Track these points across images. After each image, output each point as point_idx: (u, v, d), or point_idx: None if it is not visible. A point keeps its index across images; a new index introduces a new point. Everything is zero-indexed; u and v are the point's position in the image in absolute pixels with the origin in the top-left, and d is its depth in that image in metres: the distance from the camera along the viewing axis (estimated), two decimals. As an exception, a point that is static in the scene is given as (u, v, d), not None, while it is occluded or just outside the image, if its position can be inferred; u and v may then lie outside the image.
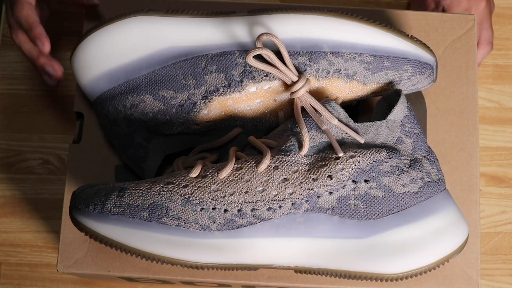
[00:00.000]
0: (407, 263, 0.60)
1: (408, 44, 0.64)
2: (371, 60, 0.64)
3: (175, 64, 0.64)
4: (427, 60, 0.65)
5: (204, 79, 0.64)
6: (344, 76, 0.64)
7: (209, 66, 0.64)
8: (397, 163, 0.61)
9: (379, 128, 0.62)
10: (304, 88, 0.62)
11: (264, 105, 0.65)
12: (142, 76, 0.65)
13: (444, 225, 0.61)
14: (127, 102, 0.65)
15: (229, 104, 0.64)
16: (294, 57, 0.63)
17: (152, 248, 0.59)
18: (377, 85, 0.65)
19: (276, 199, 0.60)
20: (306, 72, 0.64)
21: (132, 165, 0.67)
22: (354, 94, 0.65)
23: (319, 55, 0.63)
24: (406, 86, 0.65)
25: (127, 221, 0.59)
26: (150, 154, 0.66)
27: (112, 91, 0.65)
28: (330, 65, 0.64)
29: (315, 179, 0.60)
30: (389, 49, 0.64)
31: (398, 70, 0.64)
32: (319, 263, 0.61)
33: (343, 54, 0.63)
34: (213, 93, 0.64)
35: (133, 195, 0.60)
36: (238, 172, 0.60)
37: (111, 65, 0.65)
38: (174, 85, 0.64)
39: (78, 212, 0.60)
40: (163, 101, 0.64)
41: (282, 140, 0.61)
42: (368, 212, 0.60)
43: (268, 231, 0.60)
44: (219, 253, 0.60)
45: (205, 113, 0.65)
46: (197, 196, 0.60)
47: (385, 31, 0.64)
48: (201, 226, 0.59)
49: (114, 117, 0.66)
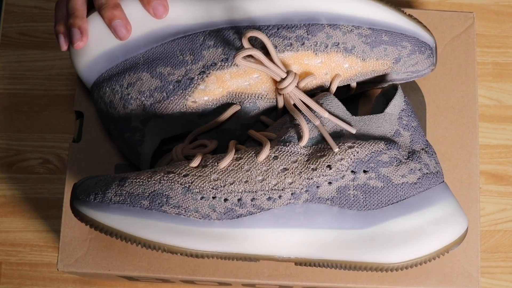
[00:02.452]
0: (406, 253, 0.60)
1: (407, 21, 0.65)
2: (369, 33, 0.64)
3: (173, 41, 0.65)
4: (426, 40, 0.65)
5: (201, 54, 0.64)
6: (342, 50, 0.64)
7: (207, 42, 0.64)
8: (396, 155, 0.61)
9: (377, 121, 0.62)
10: (293, 83, 0.62)
11: (262, 80, 0.65)
12: (140, 54, 0.65)
13: (443, 215, 0.61)
14: (124, 81, 0.65)
15: (226, 79, 0.64)
16: (292, 30, 0.63)
17: (152, 236, 0.60)
18: (376, 62, 0.65)
19: (275, 188, 0.60)
20: (304, 46, 0.64)
21: (128, 150, 0.66)
22: (353, 70, 0.65)
23: (316, 28, 0.64)
24: (405, 66, 0.65)
25: (127, 209, 0.60)
26: (147, 137, 0.66)
27: (109, 71, 0.65)
28: (328, 38, 0.64)
29: (314, 168, 0.60)
30: (387, 23, 0.64)
31: (396, 46, 0.64)
32: (319, 253, 0.61)
33: (341, 27, 0.63)
34: (211, 68, 0.64)
35: (133, 184, 0.60)
36: (238, 162, 0.61)
37: (109, 45, 0.65)
38: (172, 61, 0.65)
39: (78, 203, 0.61)
40: (160, 78, 0.65)
41: (282, 132, 0.62)
42: (367, 203, 0.61)
43: (268, 221, 0.60)
44: (219, 242, 0.60)
45: (202, 89, 0.65)
46: (197, 185, 0.60)
47: (383, 6, 0.64)
48: (201, 215, 0.60)
49: (111, 99, 0.66)
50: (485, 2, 0.88)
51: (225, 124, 0.66)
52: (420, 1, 0.88)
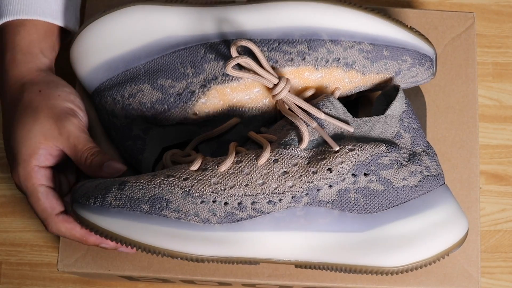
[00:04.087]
0: (407, 256, 0.60)
1: (407, 35, 0.64)
2: (370, 49, 0.64)
3: (173, 53, 0.65)
4: (426, 52, 0.65)
5: (202, 67, 0.64)
6: (343, 65, 0.64)
7: (208, 55, 0.64)
8: (396, 157, 0.61)
9: (378, 123, 0.62)
10: (286, 89, 0.62)
11: (263, 94, 0.65)
12: (141, 65, 0.65)
13: (444, 218, 0.61)
14: (125, 92, 0.65)
15: (227, 93, 0.64)
16: (293, 45, 0.63)
17: (152, 240, 0.60)
18: (376, 76, 0.65)
19: (276, 192, 0.60)
20: (305, 61, 0.64)
21: (129, 157, 0.67)
22: (353, 84, 0.65)
23: (318, 43, 0.63)
24: (405, 78, 0.65)
25: (127, 214, 0.59)
26: (148, 145, 0.66)
27: (110, 81, 0.65)
28: (329, 54, 0.63)
29: (315, 172, 0.60)
30: (388, 38, 0.64)
31: (397, 60, 0.64)
32: (319, 257, 0.61)
33: (342, 42, 0.63)
34: (212, 82, 0.64)
35: (133, 188, 0.60)
36: (238, 165, 0.60)
37: (110, 55, 0.65)
38: (173, 73, 0.64)
39: (78, 206, 0.60)
40: (161, 90, 0.64)
41: (282, 134, 0.62)
42: (368, 206, 0.61)
43: (268, 224, 0.60)
44: (219, 246, 0.60)
45: (203, 102, 0.65)
46: (197, 189, 0.60)
47: (384, 20, 0.64)
48: (202, 219, 0.59)
49: (112, 108, 0.66)
50: (485, 2, 0.88)
51: (225, 135, 0.66)
52: (420, 1, 0.88)
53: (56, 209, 0.62)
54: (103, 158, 0.61)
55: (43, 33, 0.66)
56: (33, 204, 0.62)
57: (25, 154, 0.61)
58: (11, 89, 0.64)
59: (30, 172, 0.61)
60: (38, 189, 0.62)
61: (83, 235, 0.62)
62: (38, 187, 0.62)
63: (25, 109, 0.62)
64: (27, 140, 0.61)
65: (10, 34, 0.65)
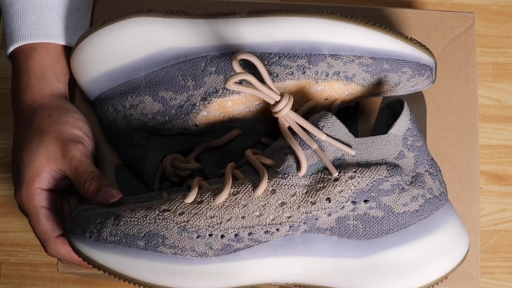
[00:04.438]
0: (405, 283, 0.60)
1: (408, 46, 0.64)
2: (370, 62, 0.64)
3: (174, 65, 0.64)
4: (426, 62, 0.65)
5: (203, 80, 0.64)
6: (343, 79, 0.64)
7: (208, 68, 0.64)
8: (398, 181, 0.60)
9: (381, 142, 0.61)
10: (288, 107, 0.61)
11: (263, 107, 0.65)
12: (142, 76, 0.65)
13: (444, 242, 0.60)
14: (127, 103, 0.65)
15: (228, 106, 0.64)
16: (293, 59, 0.63)
17: (149, 277, 0.59)
18: (376, 87, 0.65)
19: (273, 223, 0.59)
20: (305, 74, 0.63)
21: (131, 164, 0.67)
22: (353, 95, 0.65)
23: (318, 58, 0.63)
24: (405, 88, 0.65)
25: (123, 250, 0.59)
26: (149, 154, 0.66)
27: (111, 91, 0.65)
28: (329, 68, 0.63)
29: (313, 202, 0.59)
30: (389, 51, 0.64)
31: (397, 72, 0.64)
32: (318, 281, 0.60)
33: (342, 57, 0.63)
34: (212, 95, 0.64)
35: (128, 224, 0.59)
36: (235, 197, 0.59)
37: (110, 66, 0.65)
38: (174, 86, 0.64)
39: (74, 238, 0.60)
40: (163, 102, 0.64)
41: (279, 159, 0.60)
42: (367, 232, 0.60)
43: (266, 252, 0.59)
44: (217, 279, 0.59)
45: (204, 114, 0.65)
46: (193, 224, 0.59)
47: (384, 34, 0.64)
48: (198, 253, 0.59)
49: (113, 117, 0.66)
50: (485, 2, 0.88)
51: (226, 145, 0.66)
52: (420, 1, 0.88)
53: (56, 231, 0.62)
54: (101, 183, 0.61)
55: (56, 56, 0.67)
56: (33, 225, 0.62)
57: (29, 176, 0.62)
58: (24, 112, 0.65)
59: (32, 194, 0.62)
60: (39, 211, 0.62)
61: (82, 260, 0.62)
62: (40, 209, 0.62)
63: (33, 132, 0.63)
64: (31, 162, 0.62)
65: (23, 59, 0.66)
